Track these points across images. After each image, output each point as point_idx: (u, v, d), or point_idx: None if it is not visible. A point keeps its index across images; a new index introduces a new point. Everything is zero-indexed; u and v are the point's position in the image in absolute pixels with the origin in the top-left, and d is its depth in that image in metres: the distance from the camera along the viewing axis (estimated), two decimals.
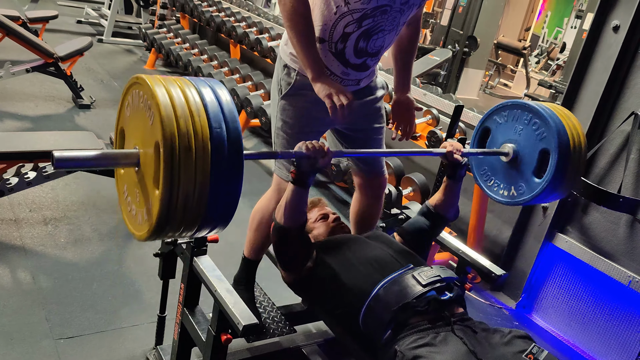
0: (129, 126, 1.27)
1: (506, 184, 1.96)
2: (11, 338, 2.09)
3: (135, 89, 1.22)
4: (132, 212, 1.27)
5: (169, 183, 1.10)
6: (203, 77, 1.29)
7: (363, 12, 1.68)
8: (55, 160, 1.10)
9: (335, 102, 1.65)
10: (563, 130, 1.82)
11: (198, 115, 1.13)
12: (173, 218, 1.15)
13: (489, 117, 2.02)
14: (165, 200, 1.11)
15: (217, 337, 1.65)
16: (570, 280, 2.83)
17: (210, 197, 1.15)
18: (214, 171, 1.14)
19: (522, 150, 1.91)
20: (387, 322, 1.56)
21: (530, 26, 11.83)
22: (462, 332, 1.52)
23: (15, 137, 2.92)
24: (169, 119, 1.10)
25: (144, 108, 1.17)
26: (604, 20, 2.66)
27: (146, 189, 1.19)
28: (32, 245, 2.67)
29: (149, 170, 1.17)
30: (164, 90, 1.14)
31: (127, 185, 1.30)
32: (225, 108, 1.19)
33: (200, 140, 1.12)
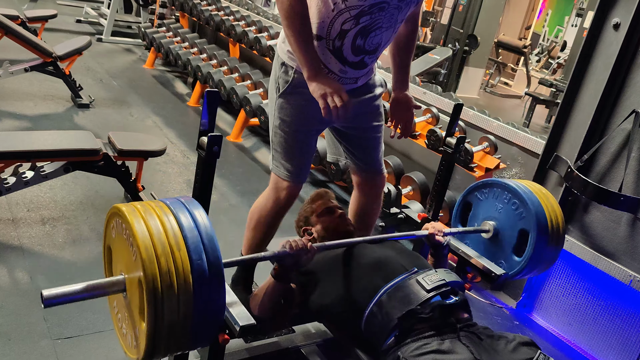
0: (115, 248, 1.34)
1: (487, 259, 2.05)
2: (9, 338, 2.08)
3: (117, 218, 1.28)
4: (123, 331, 1.34)
5: (153, 318, 1.17)
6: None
7: (360, 9, 1.67)
8: (44, 299, 1.16)
9: (329, 103, 1.63)
10: (541, 212, 1.91)
11: (179, 250, 1.20)
12: (159, 347, 1.22)
13: (470, 193, 2.13)
14: (151, 334, 1.18)
15: (216, 333, 1.64)
16: (571, 280, 2.82)
17: (194, 324, 1.23)
18: (197, 299, 1.21)
19: (502, 228, 2.01)
20: (390, 328, 1.54)
21: (530, 24, 11.81)
22: (467, 339, 1.49)
23: (13, 136, 2.91)
24: (150, 261, 1.16)
25: (126, 240, 1.23)
26: (604, 18, 2.64)
27: (133, 316, 1.25)
28: (30, 245, 2.66)
29: (135, 299, 1.23)
30: (144, 227, 1.19)
31: (117, 303, 1.37)
32: (205, 236, 1.25)
33: (182, 275, 1.19)
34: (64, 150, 2.75)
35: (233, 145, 4.56)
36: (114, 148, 2.92)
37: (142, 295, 1.17)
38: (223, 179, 3.82)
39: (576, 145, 2.71)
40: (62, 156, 2.76)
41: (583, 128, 2.68)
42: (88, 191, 3.26)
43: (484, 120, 3.35)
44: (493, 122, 3.30)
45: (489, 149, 3.21)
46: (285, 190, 1.94)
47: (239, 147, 4.57)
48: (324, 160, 3.60)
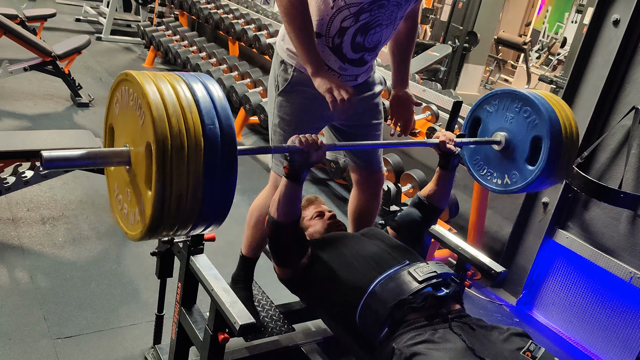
0: (119, 123, 1.25)
1: (499, 172, 1.94)
2: (9, 338, 2.08)
3: (124, 85, 1.18)
4: (124, 211, 1.25)
5: (161, 184, 1.08)
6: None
7: (360, 6, 1.66)
8: (44, 160, 1.08)
9: (336, 97, 1.64)
10: (554, 117, 1.80)
11: (190, 112, 1.11)
12: (167, 218, 1.13)
13: (479, 107, 2.00)
14: (159, 202, 1.09)
15: (215, 336, 1.64)
16: (571, 277, 2.82)
17: (205, 196, 1.13)
18: (208, 169, 1.11)
19: (514, 138, 1.88)
20: (383, 319, 1.55)
21: (530, 21, 11.78)
22: (459, 328, 1.51)
23: (12, 135, 2.91)
24: (161, 119, 1.07)
25: (134, 106, 1.14)
26: (604, 14, 2.63)
27: (138, 189, 1.17)
28: (30, 244, 2.66)
29: (141, 169, 1.14)
30: (154, 88, 1.11)
31: (118, 183, 1.28)
32: (218, 103, 1.16)
33: (193, 139, 1.10)
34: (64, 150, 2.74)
35: None
36: None
37: (150, 163, 1.09)
38: None
39: None
40: None
41: (583, 125, 2.67)
42: (88, 190, 3.26)
43: None
44: None
45: None
46: None
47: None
48: (323, 160, 3.59)
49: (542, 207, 2.89)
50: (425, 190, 1.96)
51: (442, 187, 1.92)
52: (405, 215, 1.98)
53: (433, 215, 1.97)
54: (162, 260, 1.94)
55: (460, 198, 3.22)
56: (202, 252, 1.79)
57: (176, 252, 1.87)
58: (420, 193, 1.98)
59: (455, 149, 1.84)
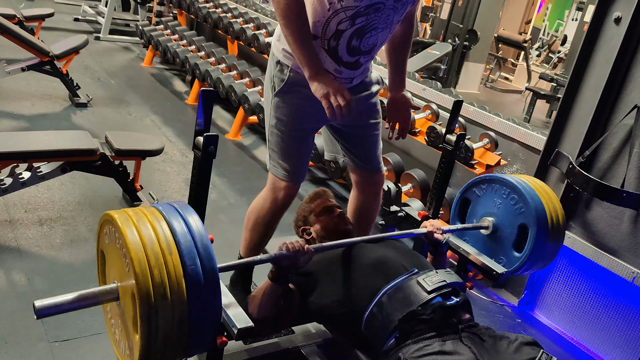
0: (108, 254, 1.32)
1: (487, 255, 2.02)
2: (5, 341, 2.06)
3: (109, 225, 1.25)
4: (116, 337, 1.32)
5: (147, 332, 1.14)
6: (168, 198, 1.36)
7: (356, 9, 1.64)
8: (36, 310, 1.14)
9: (332, 103, 1.62)
10: (540, 206, 1.88)
11: (172, 258, 1.17)
12: (155, 356, 1.19)
13: (468, 190, 2.09)
14: (145, 347, 1.16)
15: (212, 340, 1.62)
16: (573, 277, 2.80)
17: (190, 333, 1.20)
18: (192, 308, 1.18)
19: (502, 223, 1.98)
20: (391, 330, 1.52)
21: (530, 19, 11.75)
22: (469, 339, 1.47)
23: (9, 136, 2.88)
24: (144, 275, 1.13)
25: (119, 249, 1.20)
26: (605, 12, 2.61)
27: (127, 326, 1.23)
28: (27, 246, 2.63)
29: (128, 309, 1.20)
30: (137, 237, 1.17)
31: (111, 309, 1.35)
32: (197, 238, 1.23)
33: (175, 284, 1.16)
34: (61, 151, 2.73)
35: (232, 144, 4.54)
36: (112, 148, 2.90)
37: (136, 307, 1.15)
38: (222, 178, 3.80)
39: (577, 141, 2.68)
40: (59, 156, 2.74)
41: (584, 124, 2.65)
42: (86, 191, 3.24)
43: (484, 116, 3.32)
44: (493, 118, 3.27)
45: (490, 145, 3.18)
46: (283, 190, 1.92)
47: (237, 145, 4.55)
48: (323, 158, 3.57)
49: None
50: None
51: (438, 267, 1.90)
52: None
53: None
54: None
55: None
56: None
57: None
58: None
59: (443, 237, 1.87)
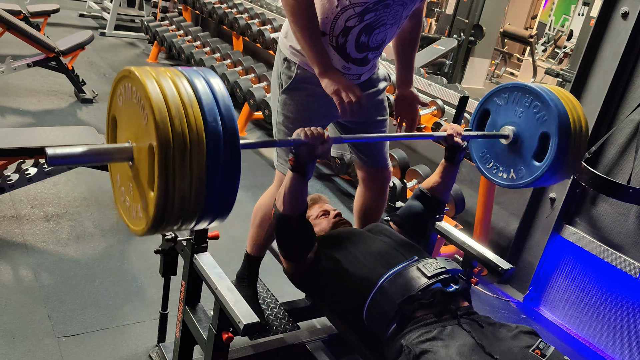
0: (121, 117, 1.24)
1: (506, 167, 1.92)
2: (13, 337, 2.07)
3: (127, 82, 1.17)
4: (127, 204, 1.25)
5: (164, 186, 1.08)
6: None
7: (365, 6, 1.63)
8: (48, 157, 1.08)
9: (344, 99, 1.62)
10: (564, 114, 1.77)
11: (192, 110, 1.10)
12: (169, 217, 1.13)
13: (489, 99, 1.96)
14: (161, 203, 1.09)
15: (219, 335, 1.63)
16: (579, 273, 2.79)
17: (208, 193, 1.13)
18: (211, 166, 1.11)
19: (523, 133, 1.86)
20: (391, 315, 1.54)
21: (536, 14, 11.69)
22: (468, 325, 1.50)
23: (16, 133, 2.90)
24: (164, 122, 1.06)
25: (136, 105, 1.13)
26: (612, 6, 2.59)
27: (141, 186, 1.16)
28: (34, 242, 2.65)
29: (143, 168, 1.14)
30: (157, 87, 1.10)
31: (121, 175, 1.28)
32: (220, 99, 1.15)
33: (196, 138, 1.09)
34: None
35: None
36: None
37: (153, 164, 1.09)
38: None
39: None
40: None
41: (591, 119, 2.64)
42: (92, 187, 3.25)
43: None
44: None
45: None
46: None
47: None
48: (329, 155, 3.57)
49: (550, 203, 2.86)
50: (427, 183, 1.94)
51: (446, 180, 1.91)
52: (407, 208, 1.97)
53: (436, 207, 1.96)
54: (165, 258, 1.93)
55: (466, 193, 3.19)
56: (205, 250, 1.77)
57: (180, 251, 1.86)
58: (422, 185, 1.96)
59: (463, 142, 1.83)
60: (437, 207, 1.97)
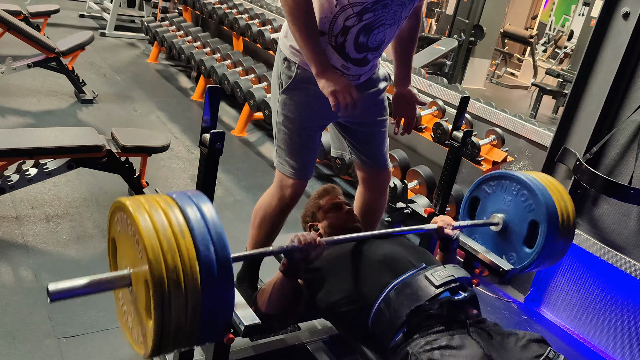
0: (120, 243, 1.31)
1: (497, 252, 2.01)
2: (13, 337, 2.07)
3: (121, 212, 1.24)
4: (129, 324, 1.31)
5: (160, 319, 1.14)
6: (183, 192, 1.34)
7: (363, 5, 1.63)
8: (50, 294, 1.13)
9: (340, 101, 1.62)
10: (551, 203, 1.86)
11: (185, 244, 1.16)
12: (167, 345, 1.20)
13: (478, 187, 2.08)
14: (158, 334, 1.15)
15: (224, 330, 1.62)
16: (580, 273, 2.79)
17: (202, 320, 1.20)
18: (206, 293, 1.17)
19: (512, 220, 1.96)
20: (399, 325, 1.51)
21: (537, 14, 11.69)
22: (477, 334, 1.47)
23: (16, 133, 2.89)
24: (157, 262, 1.12)
25: (132, 236, 1.19)
26: (613, 7, 2.59)
27: (140, 313, 1.22)
28: (34, 242, 2.64)
29: (141, 296, 1.19)
30: (149, 223, 1.15)
31: (122, 295, 1.34)
32: (211, 226, 1.21)
33: (189, 271, 1.15)
34: (67, 147, 2.73)
35: (237, 140, 4.54)
36: (117, 144, 2.90)
37: (149, 294, 1.14)
38: (228, 174, 3.80)
39: (585, 137, 2.66)
40: (65, 153, 2.75)
41: (592, 120, 2.63)
42: (92, 188, 3.25)
43: (490, 112, 3.31)
44: (500, 114, 3.26)
45: (496, 142, 3.17)
46: (291, 187, 1.92)
47: (243, 141, 4.55)
48: (329, 155, 3.57)
49: None
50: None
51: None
52: None
53: None
54: None
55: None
56: None
57: None
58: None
59: (454, 233, 1.85)
60: None
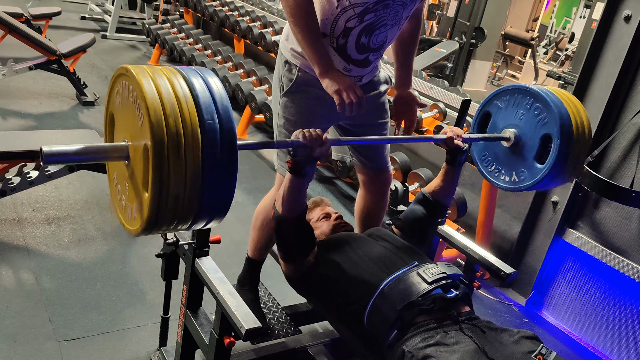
0: (119, 115, 1.24)
1: (507, 169, 1.91)
2: (14, 340, 2.07)
3: (124, 79, 1.17)
4: (123, 203, 1.25)
5: (158, 187, 1.08)
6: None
7: (365, 6, 1.63)
8: (43, 155, 1.08)
9: (344, 99, 1.62)
10: (566, 115, 1.76)
11: (187, 108, 1.09)
12: (164, 217, 1.13)
13: (490, 102, 1.96)
14: (155, 204, 1.09)
15: (220, 340, 1.62)
16: (581, 277, 2.78)
17: (203, 193, 1.12)
18: (206, 166, 1.10)
19: (524, 135, 1.85)
20: (392, 321, 1.53)
21: (538, 16, 11.69)
22: (470, 330, 1.49)
23: (17, 135, 2.90)
24: (159, 123, 1.06)
25: (132, 104, 1.13)
26: (614, 10, 2.59)
27: (136, 186, 1.16)
28: (35, 245, 2.64)
29: (138, 168, 1.13)
30: (153, 87, 1.09)
31: (117, 174, 1.28)
32: (217, 97, 1.14)
33: (190, 136, 1.08)
34: None
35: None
36: None
37: (147, 164, 1.09)
38: None
39: None
40: None
41: (593, 123, 2.63)
42: (93, 190, 3.25)
43: None
44: None
45: None
46: None
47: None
48: (329, 157, 3.57)
49: (552, 206, 2.85)
50: (430, 187, 1.93)
51: (448, 183, 1.89)
52: (409, 212, 1.95)
53: (438, 211, 1.94)
54: (167, 262, 1.92)
55: (468, 197, 3.18)
56: (207, 254, 1.76)
57: (181, 255, 1.85)
58: (424, 189, 1.95)
59: (463, 144, 1.81)
60: (439, 211, 1.95)
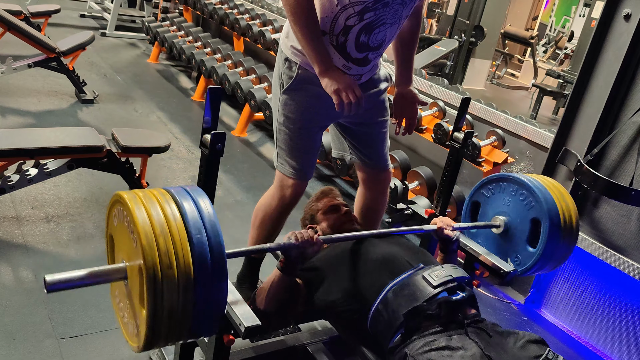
0: (117, 236, 1.34)
1: (501, 255, 2.00)
2: (13, 338, 2.06)
3: (119, 206, 1.28)
4: (125, 320, 1.33)
5: (153, 303, 1.15)
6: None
7: (364, 4, 1.63)
8: (47, 285, 1.15)
9: (343, 99, 1.62)
10: (550, 199, 1.86)
11: (179, 236, 1.18)
12: (160, 334, 1.21)
13: (477, 192, 2.08)
14: (151, 321, 1.17)
15: (220, 338, 1.61)
16: (580, 275, 2.79)
17: (195, 311, 1.21)
18: (198, 286, 1.18)
19: (514, 221, 1.95)
20: (396, 327, 1.51)
21: (537, 15, 11.70)
22: (475, 335, 1.46)
23: (16, 133, 2.89)
24: (150, 246, 1.14)
25: (127, 228, 1.22)
26: (614, 8, 2.59)
27: (134, 305, 1.24)
28: (34, 243, 2.64)
29: (136, 287, 1.21)
30: (143, 211, 1.19)
31: (119, 292, 1.37)
32: (205, 213, 1.23)
33: (181, 251, 1.17)
34: (67, 148, 2.73)
35: (238, 140, 4.53)
36: (118, 144, 2.90)
37: (142, 282, 1.16)
38: (228, 174, 3.80)
39: (586, 138, 2.66)
40: (65, 153, 2.74)
41: (593, 121, 2.63)
42: (92, 188, 3.25)
43: (491, 113, 3.30)
44: (501, 115, 3.26)
45: (497, 143, 3.17)
46: (291, 188, 1.91)
47: (243, 141, 4.55)
48: (329, 155, 3.57)
49: None
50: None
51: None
52: None
53: None
54: None
55: (467, 195, 3.18)
56: None
57: None
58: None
59: (454, 234, 1.84)
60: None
